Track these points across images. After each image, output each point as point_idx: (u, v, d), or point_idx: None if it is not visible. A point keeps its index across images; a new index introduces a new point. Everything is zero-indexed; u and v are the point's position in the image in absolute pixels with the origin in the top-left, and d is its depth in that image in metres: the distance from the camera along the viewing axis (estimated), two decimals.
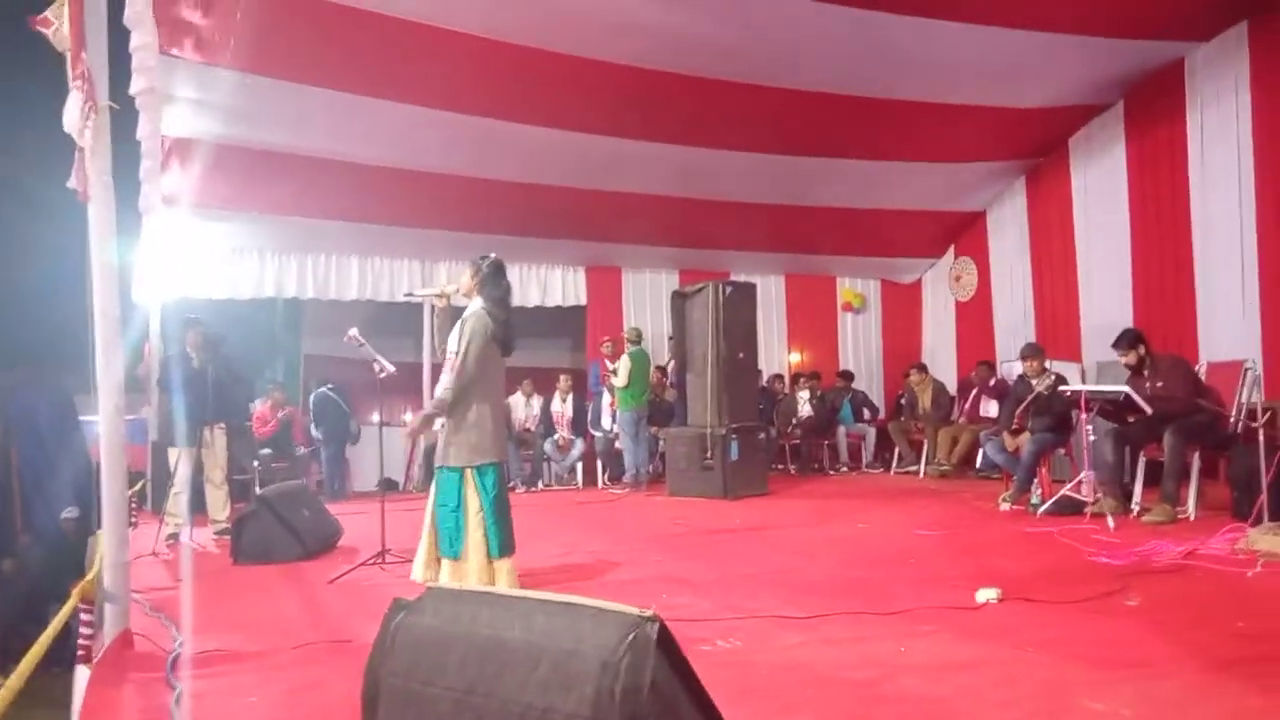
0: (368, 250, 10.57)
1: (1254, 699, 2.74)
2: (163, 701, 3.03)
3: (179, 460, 6.76)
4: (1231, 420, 6.69)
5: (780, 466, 11.42)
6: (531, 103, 8.27)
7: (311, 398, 10.06)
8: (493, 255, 4.78)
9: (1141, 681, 2.94)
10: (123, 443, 3.70)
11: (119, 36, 6.10)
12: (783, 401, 11.75)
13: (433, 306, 5.13)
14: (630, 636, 1.88)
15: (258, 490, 7.74)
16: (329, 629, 3.92)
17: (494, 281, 4.70)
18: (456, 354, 4.53)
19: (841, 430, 11.57)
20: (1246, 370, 6.95)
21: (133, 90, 6.81)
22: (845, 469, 11.44)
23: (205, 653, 3.58)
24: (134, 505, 7.39)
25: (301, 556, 5.77)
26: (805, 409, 11.44)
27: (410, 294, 7.15)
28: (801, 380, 11.84)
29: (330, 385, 9.88)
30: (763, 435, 9.55)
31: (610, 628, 1.92)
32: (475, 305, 4.65)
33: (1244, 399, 6.82)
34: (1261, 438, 5.59)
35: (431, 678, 2.08)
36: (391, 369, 5.58)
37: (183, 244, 9.48)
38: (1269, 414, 6.45)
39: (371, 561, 5.31)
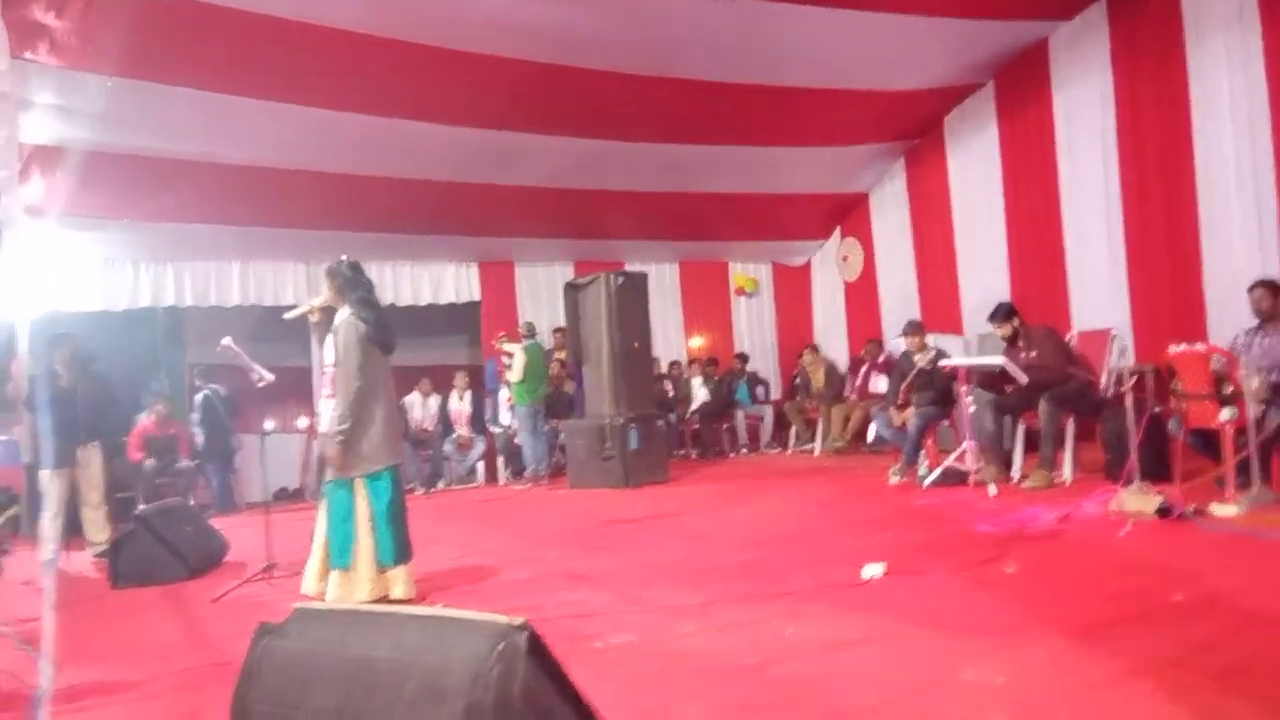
0: (249, 254, 10.23)
1: (1122, 659, 2.84)
2: None
3: (50, 482, 6.44)
4: (1102, 386, 6.99)
5: (682, 452, 11.51)
6: (415, 99, 8.11)
7: (197, 399, 9.70)
8: (345, 257, 4.68)
9: (1015, 649, 3.04)
10: None
11: None
12: (681, 387, 11.83)
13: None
14: (500, 646, 1.85)
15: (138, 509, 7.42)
16: (210, 652, 3.79)
17: (354, 283, 4.59)
18: (335, 365, 4.43)
19: (740, 413, 11.72)
20: (1114, 338, 7.27)
21: None
22: (745, 451, 11.60)
23: (74, 686, 3.41)
24: (10, 531, 7.03)
25: (185, 576, 5.55)
26: (702, 394, 11.55)
27: (283, 316, 6.92)
28: (696, 365, 11.94)
29: (212, 387, 9.53)
30: (661, 423, 9.61)
31: (479, 639, 1.89)
32: (343, 313, 4.54)
33: (1113, 365, 7.14)
34: (1130, 401, 5.85)
35: (300, 701, 2.02)
36: (270, 377, 5.42)
37: (50, 256, 9.02)
38: (1136, 378, 6.78)
39: (258, 577, 5.15)
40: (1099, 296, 8.62)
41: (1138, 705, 2.50)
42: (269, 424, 6.13)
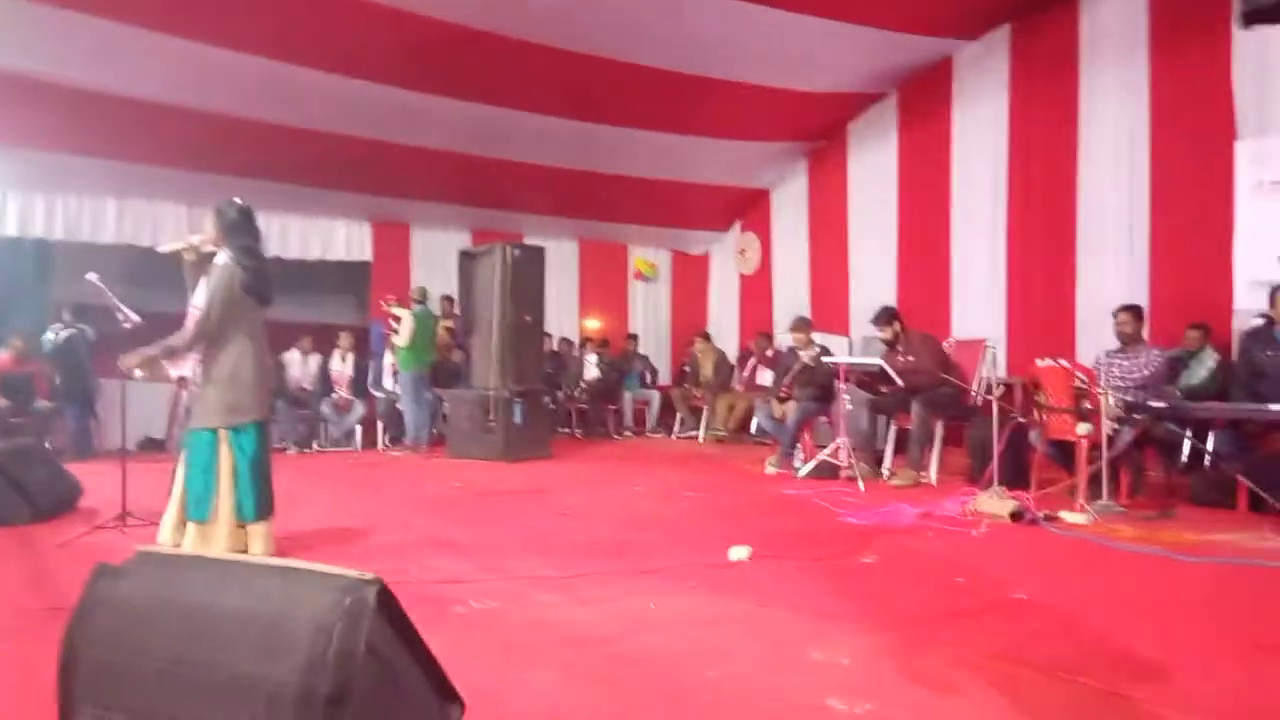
0: (127, 191, 9.74)
1: (962, 648, 2.98)
2: None
3: None
4: (972, 393, 7.28)
5: (566, 430, 11.50)
6: (321, 46, 7.84)
7: (59, 336, 9.19)
8: (238, 200, 4.48)
9: (864, 634, 3.15)
10: None
11: None
12: (570, 365, 11.81)
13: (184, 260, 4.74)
14: (347, 600, 1.82)
15: None
16: (50, 596, 3.61)
17: (240, 228, 4.41)
18: (198, 308, 4.27)
19: (627, 395, 11.78)
20: (988, 348, 7.60)
21: None
22: (630, 434, 11.67)
23: None
24: None
25: (32, 519, 5.29)
26: (592, 372, 11.56)
27: (156, 249, 6.62)
28: (590, 345, 11.94)
29: (80, 326, 9.06)
30: (548, 399, 9.58)
31: (327, 591, 1.85)
32: (222, 256, 4.36)
33: (984, 374, 7.45)
34: (996, 410, 6.11)
35: (134, 647, 1.95)
36: (136, 319, 5.17)
37: None
38: (1004, 389, 7.10)
39: (111, 525, 4.94)
40: (978, 308, 8.97)
41: (968, 690, 2.62)
42: (137, 370, 5.86)
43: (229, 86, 8.20)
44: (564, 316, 12.43)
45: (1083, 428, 5.64)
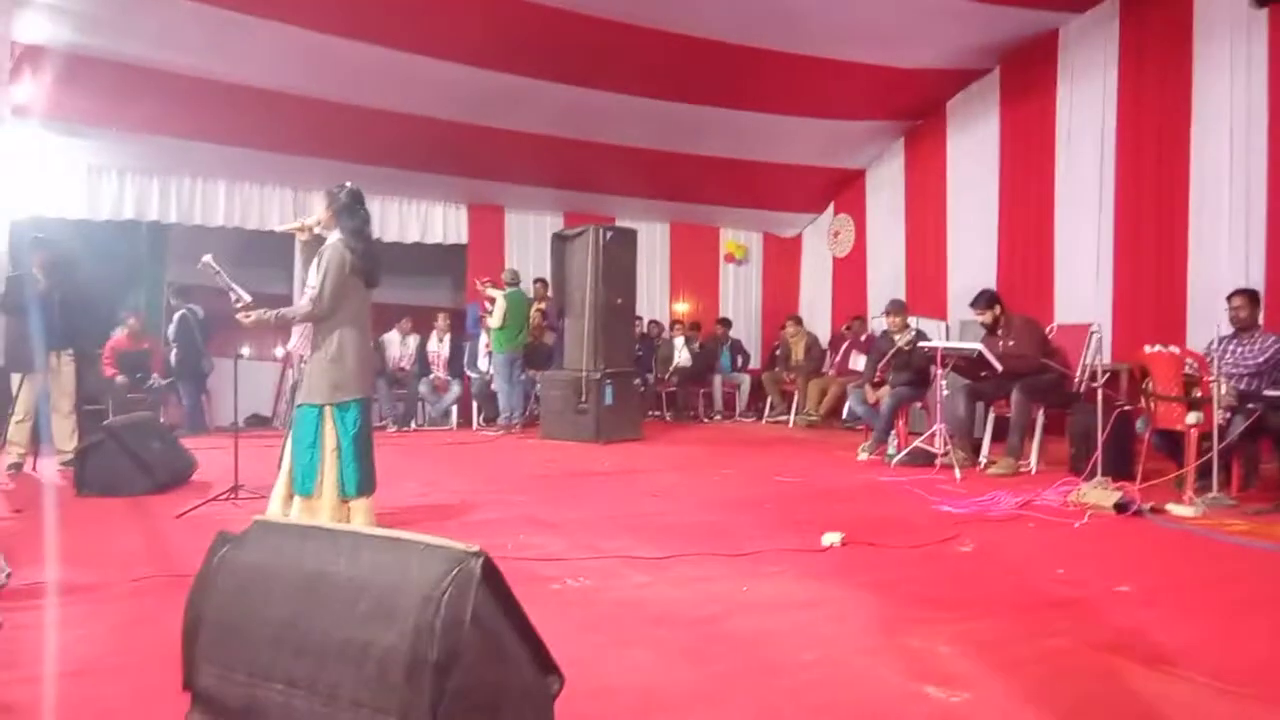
0: (237, 175, 10.12)
1: (1061, 639, 2.93)
2: None
3: (21, 386, 6.41)
4: (1075, 380, 7.06)
5: (656, 413, 11.55)
6: (420, 31, 7.99)
7: (174, 317, 9.62)
8: (349, 184, 4.61)
9: (961, 622, 3.11)
10: None
11: None
12: (661, 348, 11.85)
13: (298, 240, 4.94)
14: (454, 571, 1.88)
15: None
16: (170, 563, 3.81)
17: (351, 212, 4.54)
18: (313, 288, 4.41)
19: (717, 379, 11.76)
20: (1092, 334, 7.34)
21: None
22: (719, 417, 11.65)
23: (36, 584, 3.44)
24: None
25: (151, 490, 5.57)
26: (683, 356, 11.58)
27: (273, 230, 6.88)
28: (678, 328, 11.95)
29: (190, 307, 9.46)
30: (638, 381, 9.64)
31: (435, 563, 1.91)
32: (333, 237, 4.51)
33: (1088, 360, 7.20)
34: (1100, 398, 5.92)
35: (253, 610, 2.05)
36: (248, 299, 5.36)
37: (36, 159, 8.90)
38: (1109, 376, 6.86)
39: (224, 497, 5.17)
40: (1083, 292, 8.68)
41: (1067, 683, 2.57)
42: (245, 349, 6.11)
43: (333, 73, 8.42)
44: (655, 299, 12.48)
45: (1192, 416, 5.45)
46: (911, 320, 8.11)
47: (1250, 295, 5.95)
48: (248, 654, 2.03)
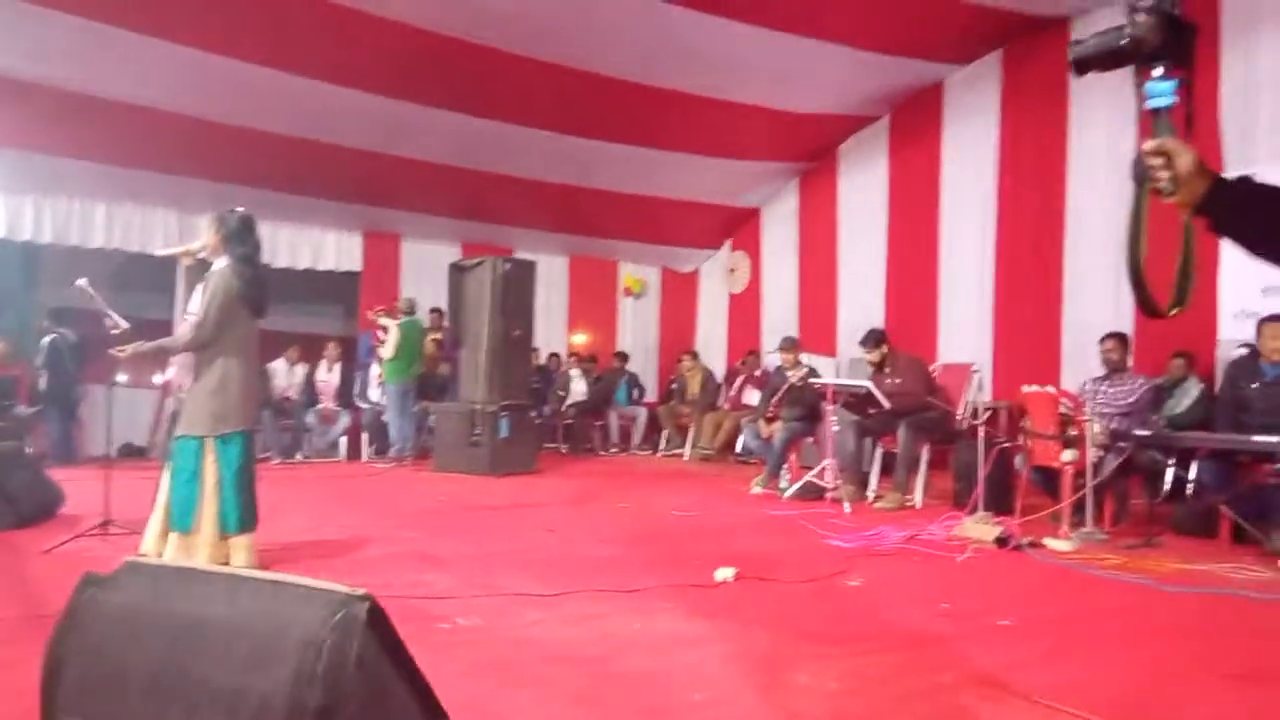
0: (118, 195, 9.72)
1: (948, 673, 2.99)
2: None
3: None
4: (958, 417, 7.31)
5: (552, 445, 11.48)
6: (312, 55, 7.87)
7: (42, 343, 9.14)
8: (239, 209, 4.48)
9: (851, 657, 3.15)
10: None
11: None
12: (558, 380, 11.81)
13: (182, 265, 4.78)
14: (337, 615, 1.81)
15: None
16: (32, 604, 3.59)
17: (240, 238, 4.40)
18: (197, 315, 4.26)
19: (613, 412, 11.77)
20: (974, 373, 7.65)
21: None
22: (615, 450, 11.66)
23: None
24: None
25: (14, 524, 5.25)
26: (579, 388, 11.56)
27: (155, 253, 6.62)
28: (575, 360, 11.94)
29: (61, 331, 9.00)
30: (534, 414, 9.57)
31: (317, 606, 1.84)
32: (220, 263, 4.36)
33: (970, 398, 7.48)
34: (981, 435, 6.14)
35: (121, 657, 1.93)
36: (125, 325, 5.13)
37: None
38: (990, 414, 7.12)
39: (93, 532, 4.90)
40: (965, 332, 9.02)
41: (954, 716, 2.62)
42: (121, 376, 5.84)
43: (222, 93, 8.21)
44: (552, 331, 12.45)
45: (1068, 454, 5.69)
46: (804, 357, 8.29)
47: (1120, 338, 6.27)
48: (114, 704, 1.92)
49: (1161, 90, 1.47)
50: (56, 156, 8.85)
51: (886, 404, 6.89)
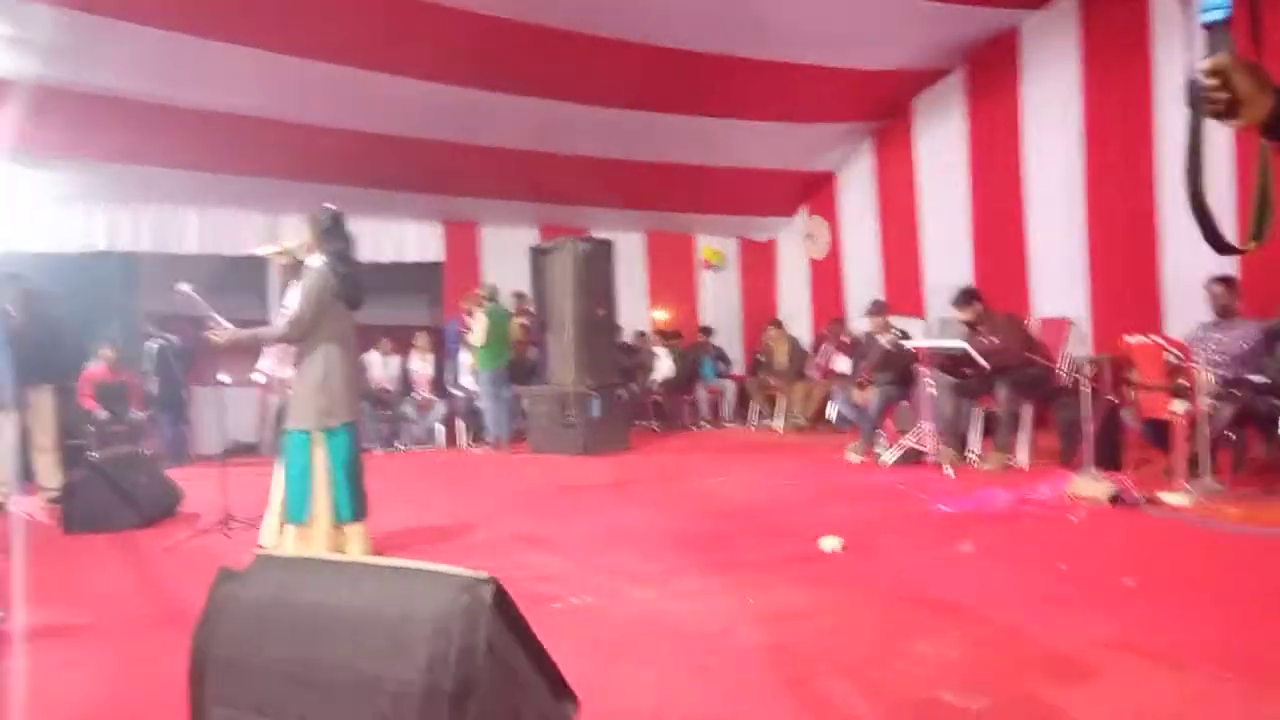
0: (208, 201, 10.00)
1: (1072, 637, 2.92)
2: None
3: (1, 425, 6.30)
4: (1059, 373, 7.10)
5: (643, 423, 11.50)
6: (386, 51, 7.95)
7: (151, 348, 9.51)
8: (331, 207, 4.58)
9: (971, 624, 3.10)
10: None
11: None
12: (644, 358, 11.82)
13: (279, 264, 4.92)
14: (464, 599, 1.85)
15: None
16: (163, 600, 3.75)
17: (333, 235, 4.51)
18: (292, 309, 4.38)
19: (702, 387, 11.75)
20: (1072, 326, 7.41)
21: None
22: (706, 424, 11.64)
23: (30, 627, 3.36)
24: None
25: (138, 524, 5.49)
26: (665, 364, 11.56)
27: (249, 254, 6.82)
28: (660, 337, 11.93)
29: (167, 337, 9.35)
30: (623, 392, 9.61)
31: (444, 591, 1.88)
32: (316, 261, 4.47)
33: (1070, 352, 7.26)
34: (1085, 390, 5.95)
35: (260, 648, 2.00)
36: (229, 326, 5.31)
37: (3, 193, 8.76)
38: (1093, 367, 6.90)
39: (214, 528, 5.10)
40: (1059, 285, 8.72)
41: (1081, 681, 2.56)
42: (224, 376, 6.05)
43: (301, 94, 8.36)
44: (634, 309, 12.44)
45: (1178, 405, 5.47)
46: (892, 320, 8.14)
47: (1228, 281, 5.99)
48: (258, 693, 1.99)
49: (1216, 2, 1.33)
50: (148, 166, 9.13)
51: (984, 363, 6.73)
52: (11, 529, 5.78)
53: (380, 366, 10.39)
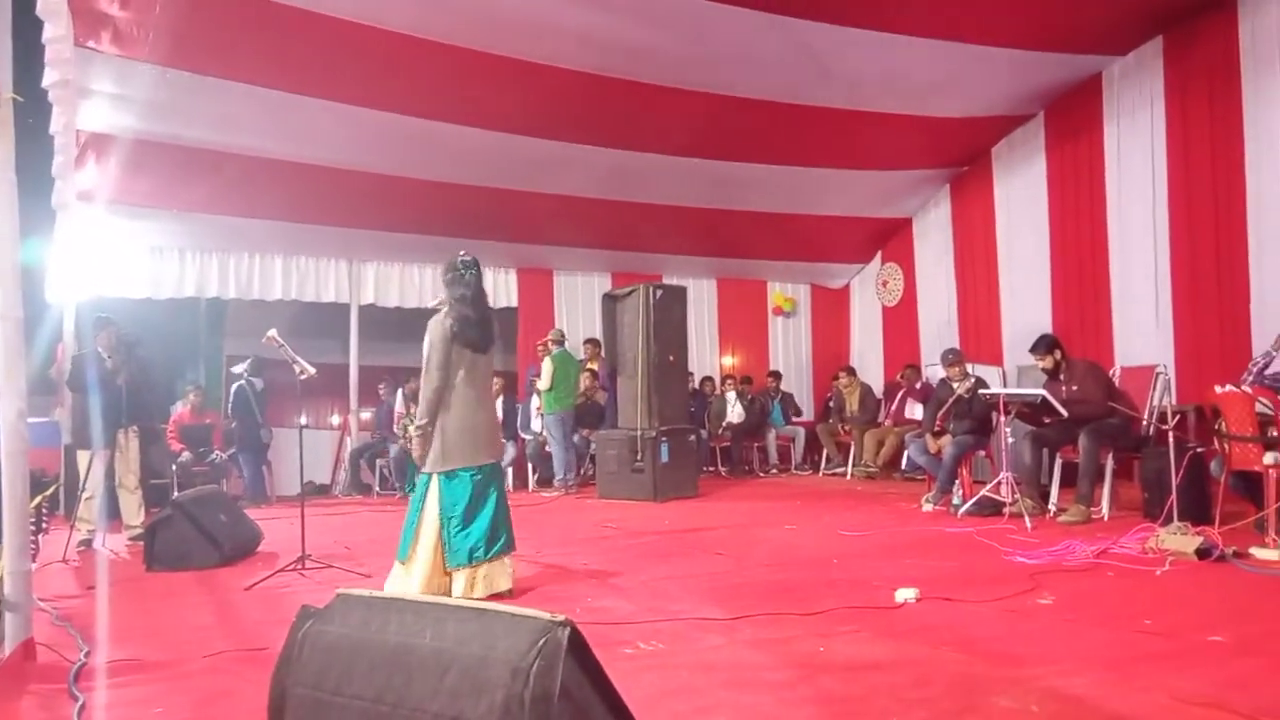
0: (292, 249, 10.38)
1: (1157, 694, 2.81)
2: (64, 714, 2.91)
3: (90, 464, 6.54)
4: (1144, 423, 6.90)
5: (711, 469, 11.47)
6: (463, 103, 8.20)
7: (231, 389, 9.81)
8: (463, 254, 4.72)
9: (1051, 678, 3.00)
10: (25, 447, 3.56)
11: (32, 28, 5.91)
12: (713, 404, 11.80)
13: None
14: (541, 642, 1.86)
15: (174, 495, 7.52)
16: (242, 637, 3.82)
17: (455, 280, 4.67)
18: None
19: (772, 433, 11.67)
20: (1158, 375, 7.20)
21: (46, 83, 6.56)
22: (775, 471, 11.54)
23: (112, 662, 3.46)
24: (45, 511, 7.13)
25: (218, 563, 5.63)
26: (736, 411, 11.52)
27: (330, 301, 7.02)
28: (730, 383, 11.92)
29: (248, 379, 9.64)
30: (693, 438, 9.59)
31: (521, 633, 1.89)
32: (441, 309, 4.62)
33: (1155, 403, 7.05)
34: (1171, 440, 5.78)
35: (339, 686, 2.04)
36: (312, 370, 5.47)
37: (99, 241, 9.20)
38: (1179, 417, 6.70)
39: (291, 567, 5.20)
40: (1143, 333, 8.51)
41: None
42: (303, 417, 6.20)
43: (382, 146, 8.65)
44: (704, 355, 12.47)
45: (1270, 457, 5.27)
46: (969, 367, 8.00)
47: None
48: None
49: None
50: (236, 217, 9.53)
51: (1065, 412, 6.56)
52: (96, 566, 5.99)
53: None
